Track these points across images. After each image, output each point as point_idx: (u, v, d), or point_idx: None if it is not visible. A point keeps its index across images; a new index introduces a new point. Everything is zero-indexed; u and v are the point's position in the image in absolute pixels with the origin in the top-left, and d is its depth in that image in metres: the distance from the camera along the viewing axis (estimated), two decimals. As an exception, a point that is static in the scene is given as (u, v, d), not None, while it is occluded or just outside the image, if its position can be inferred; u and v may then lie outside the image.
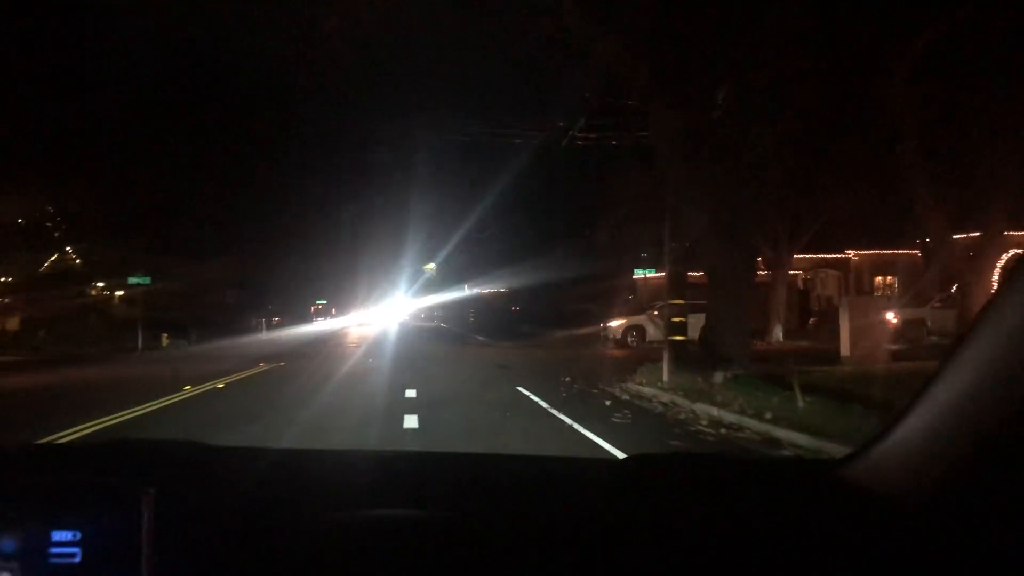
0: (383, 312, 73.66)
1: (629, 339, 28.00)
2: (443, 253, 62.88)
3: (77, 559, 1.19)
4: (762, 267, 34.87)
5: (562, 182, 39.95)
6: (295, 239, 58.56)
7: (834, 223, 30.97)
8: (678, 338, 14.70)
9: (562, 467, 2.10)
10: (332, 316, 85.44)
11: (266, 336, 44.23)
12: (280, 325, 59.38)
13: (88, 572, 1.18)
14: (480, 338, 37.64)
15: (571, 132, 21.01)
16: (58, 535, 1.19)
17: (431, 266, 77.90)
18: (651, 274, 34.39)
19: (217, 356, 25.98)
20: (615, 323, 28.68)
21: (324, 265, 71.15)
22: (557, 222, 45.56)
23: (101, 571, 1.18)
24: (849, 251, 42.23)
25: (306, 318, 74.60)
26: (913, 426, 1.35)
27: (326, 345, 31.50)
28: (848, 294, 40.72)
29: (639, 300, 34.51)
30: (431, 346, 31.78)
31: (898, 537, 1.28)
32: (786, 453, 7.81)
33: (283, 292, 67.83)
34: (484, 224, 50.88)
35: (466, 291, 62.44)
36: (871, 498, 1.39)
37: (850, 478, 1.48)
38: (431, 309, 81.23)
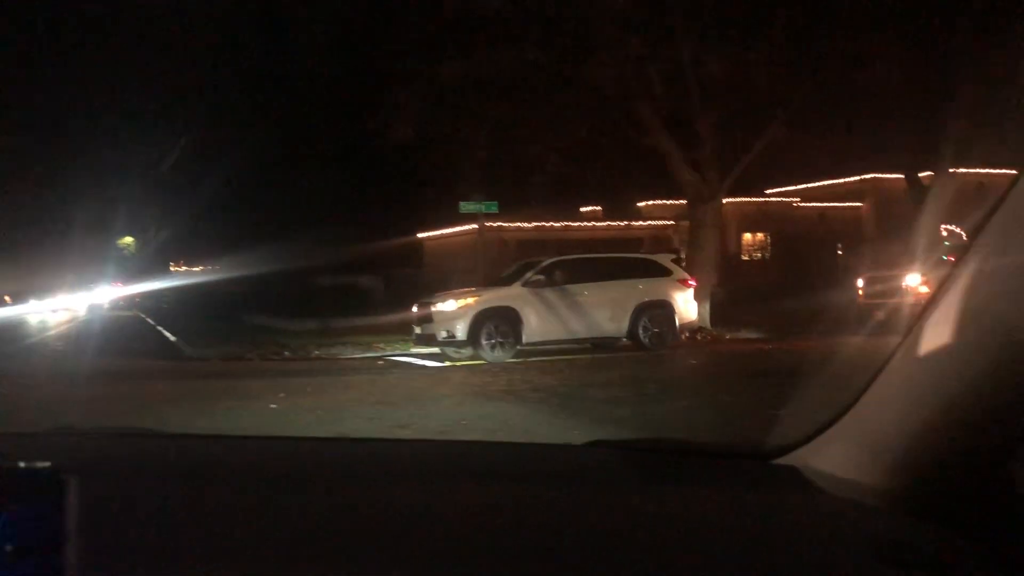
0: (73, 298, 59.23)
1: (485, 339, 13.09)
2: (158, 226, 52.20)
3: None
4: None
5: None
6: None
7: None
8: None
9: (516, 453, 2.09)
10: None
11: None
12: None
13: (9, 559, 1.10)
14: (167, 337, 21.92)
15: None
16: None
17: (128, 240, 64.92)
18: (490, 213, 19.02)
19: None
20: (450, 305, 13.60)
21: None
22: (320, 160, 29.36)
23: (23, 558, 1.11)
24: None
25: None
26: (864, 412, 1.34)
27: None
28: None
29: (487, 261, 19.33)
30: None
31: (849, 525, 1.26)
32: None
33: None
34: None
35: (190, 272, 53.77)
36: (823, 485, 1.37)
37: (803, 465, 1.45)
38: (134, 296, 67.08)
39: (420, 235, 30.17)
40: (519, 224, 25.70)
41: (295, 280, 34.76)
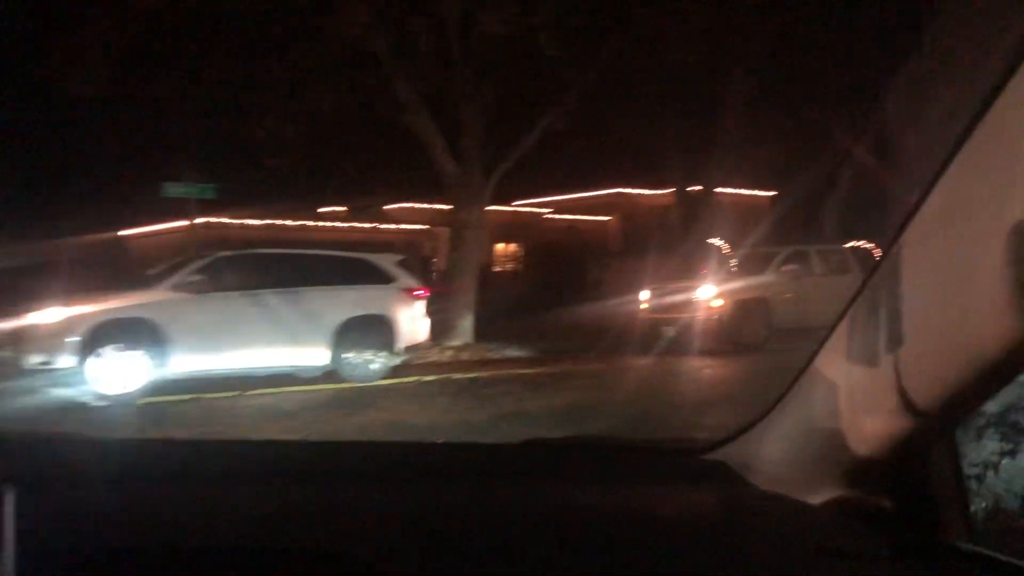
0: None
1: (107, 367, 9.19)
2: None
3: None
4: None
5: None
6: None
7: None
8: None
9: (451, 453, 1.98)
10: None
11: None
12: None
13: None
14: None
15: None
16: None
17: None
18: (208, 202, 15.22)
19: None
20: (52, 316, 9.30)
21: None
22: None
23: None
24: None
25: None
26: (788, 410, 1.35)
27: None
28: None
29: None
30: None
31: (774, 515, 1.30)
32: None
33: None
34: None
35: None
36: (750, 479, 1.40)
37: (731, 460, 1.47)
38: None
39: (123, 232, 25.26)
40: (246, 221, 21.88)
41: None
